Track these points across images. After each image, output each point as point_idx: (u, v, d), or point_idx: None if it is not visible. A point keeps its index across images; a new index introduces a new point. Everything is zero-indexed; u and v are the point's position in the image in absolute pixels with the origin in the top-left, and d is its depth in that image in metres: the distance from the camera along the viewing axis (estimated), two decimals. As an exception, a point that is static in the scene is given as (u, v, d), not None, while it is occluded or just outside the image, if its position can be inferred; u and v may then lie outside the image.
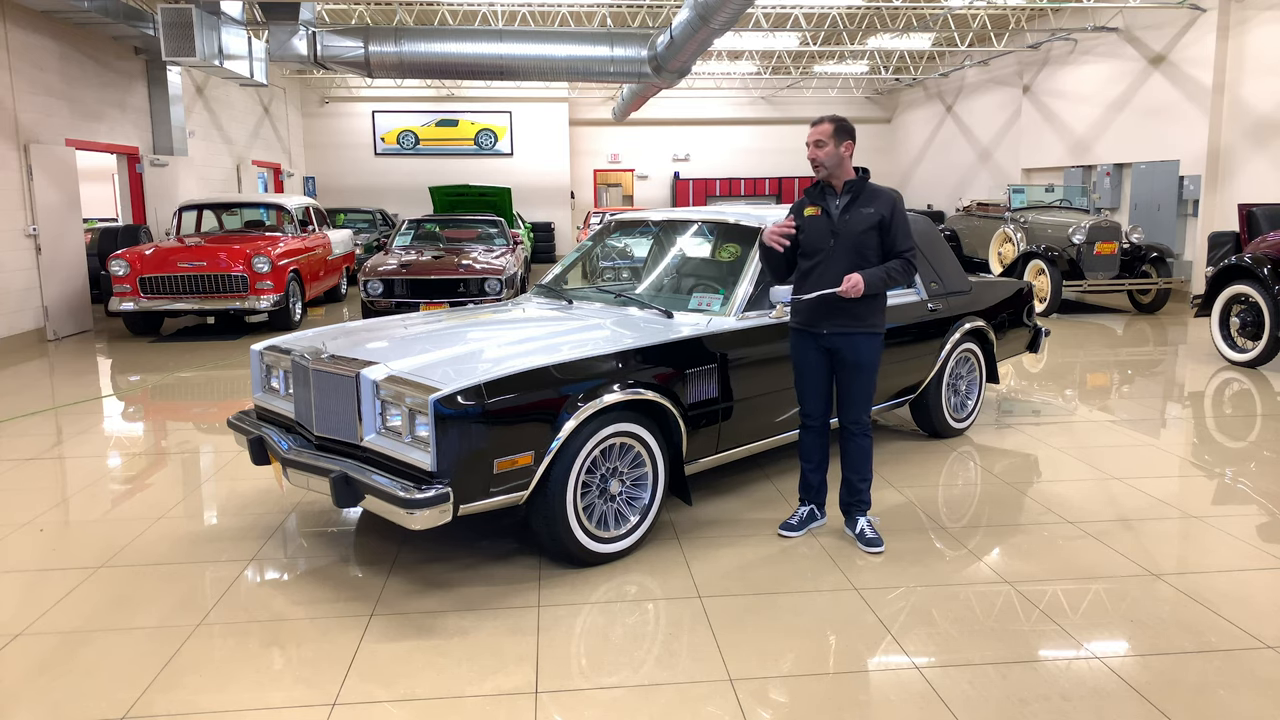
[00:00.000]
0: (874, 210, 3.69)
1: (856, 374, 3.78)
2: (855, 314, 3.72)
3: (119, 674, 2.89)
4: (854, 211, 3.70)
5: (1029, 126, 15.82)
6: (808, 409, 3.93)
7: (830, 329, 3.74)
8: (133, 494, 4.67)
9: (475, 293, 9.43)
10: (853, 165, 3.76)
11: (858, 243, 3.68)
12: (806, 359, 3.85)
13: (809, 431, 3.97)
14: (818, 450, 3.99)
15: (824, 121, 3.68)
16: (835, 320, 3.73)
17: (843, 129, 3.67)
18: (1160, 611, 3.26)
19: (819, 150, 3.67)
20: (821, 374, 3.85)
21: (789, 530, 4.00)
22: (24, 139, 9.76)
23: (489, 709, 2.69)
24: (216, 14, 10.67)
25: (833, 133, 3.65)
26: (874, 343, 3.78)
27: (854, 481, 3.92)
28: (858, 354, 3.75)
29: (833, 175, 3.72)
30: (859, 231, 3.68)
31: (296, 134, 20.00)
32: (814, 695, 2.74)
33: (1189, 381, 7.25)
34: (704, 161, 22.76)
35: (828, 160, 3.68)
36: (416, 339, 3.96)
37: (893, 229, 3.68)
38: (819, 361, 3.83)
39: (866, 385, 3.81)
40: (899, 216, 3.70)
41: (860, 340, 3.74)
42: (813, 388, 3.88)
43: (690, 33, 10.26)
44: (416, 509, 3.12)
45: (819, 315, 3.75)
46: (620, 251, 5.95)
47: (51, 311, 9.95)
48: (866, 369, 3.78)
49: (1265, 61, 10.75)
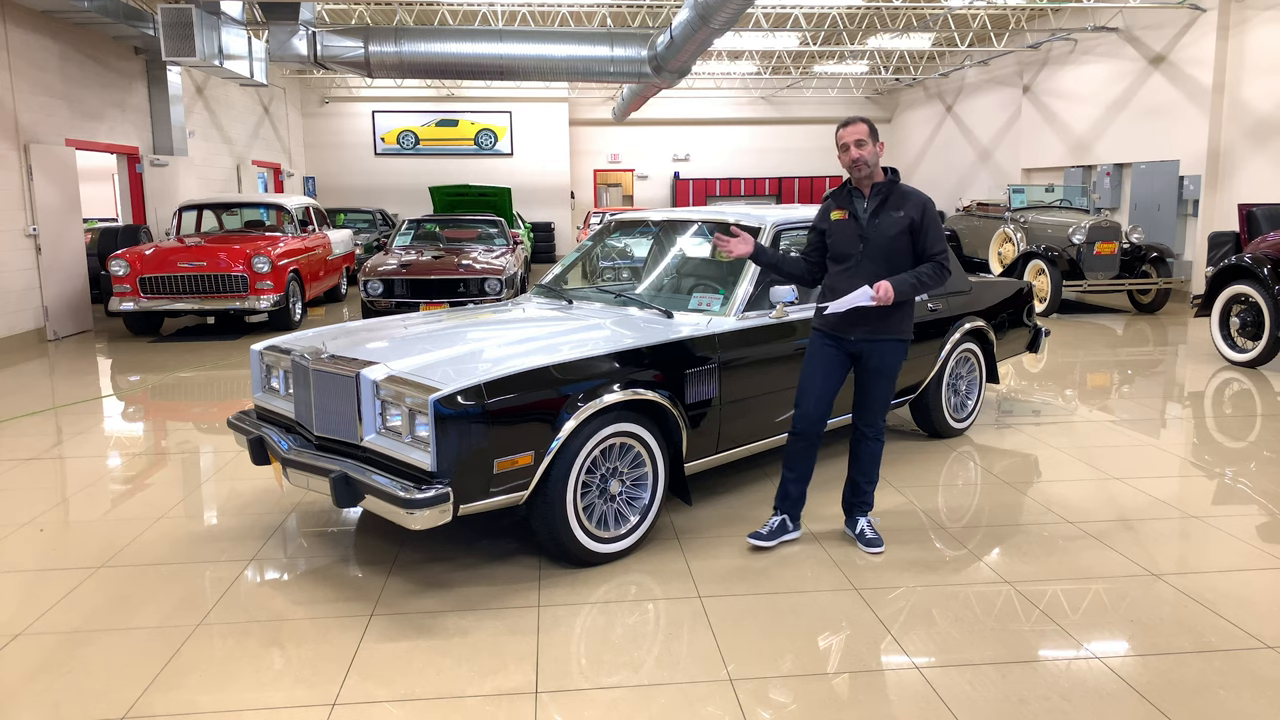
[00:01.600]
0: (904, 213, 3.58)
1: (878, 379, 3.71)
2: (885, 320, 3.63)
3: (119, 674, 2.89)
4: (884, 215, 3.60)
5: (1029, 126, 15.82)
6: (804, 410, 3.74)
7: (859, 335, 3.66)
8: (133, 494, 4.67)
9: (475, 293, 9.43)
10: (881, 167, 3.67)
11: (888, 248, 3.59)
12: (824, 359, 3.73)
13: (799, 439, 3.79)
14: (804, 460, 3.83)
15: (858, 121, 3.58)
16: (864, 326, 3.64)
17: (874, 129, 3.61)
18: (1160, 611, 3.26)
19: (861, 150, 3.55)
20: (833, 379, 3.73)
21: (759, 540, 3.81)
22: (24, 139, 9.76)
23: (489, 709, 2.69)
24: (216, 14, 10.67)
25: (868, 132, 3.57)
26: (900, 349, 3.70)
27: (860, 484, 3.87)
28: (883, 360, 3.67)
29: (874, 174, 3.62)
30: (890, 236, 3.58)
31: (296, 134, 20.00)
32: (814, 695, 2.74)
33: (1189, 381, 7.25)
34: (704, 161, 22.76)
35: (871, 159, 3.57)
36: (416, 339, 3.96)
37: (924, 232, 3.58)
38: (837, 365, 3.73)
39: (886, 391, 3.74)
40: (930, 219, 3.59)
41: (887, 346, 3.66)
42: (818, 390, 3.72)
43: (690, 33, 10.26)
44: (416, 509, 3.12)
45: (847, 321, 3.66)
46: (620, 251, 5.96)
47: (51, 311, 9.95)
48: (889, 374, 3.71)
49: (1265, 61, 10.75)
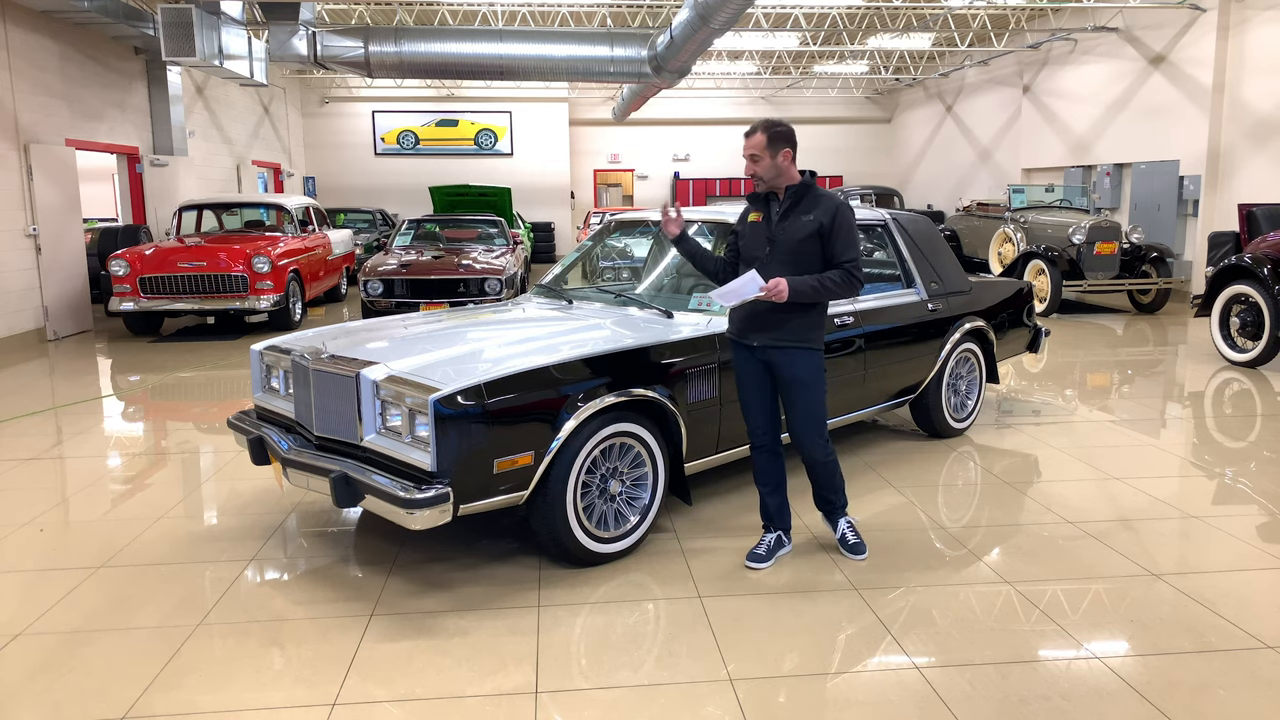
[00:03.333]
0: (813, 218, 3.46)
1: (796, 391, 3.53)
2: (787, 327, 3.48)
3: (119, 674, 2.89)
4: (792, 218, 3.50)
5: (1029, 126, 15.82)
6: (752, 425, 3.67)
7: (761, 341, 3.53)
8: (133, 494, 4.67)
9: (475, 293, 9.43)
10: (797, 169, 3.54)
11: (795, 251, 3.47)
12: (744, 371, 3.64)
13: (759, 452, 3.70)
14: (771, 473, 3.71)
15: (756, 132, 3.48)
16: (766, 333, 3.51)
17: (777, 137, 3.46)
18: (1160, 611, 3.26)
19: (755, 165, 3.48)
20: (762, 389, 3.62)
21: (757, 561, 3.67)
22: (24, 139, 9.76)
23: (489, 709, 2.69)
24: (216, 14, 10.67)
25: (766, 144, 3.45)
26: (810, 358, 3.52)
27: (824, 495, 3.76)
28: (793, 369, 3.51)
29: (774, 185, 3.53)
30: (797, 240, 3.47)
31: (296, 134, 20.00)
32: (814, 695, 2.74)
33: (1189, 381, 7.25)
34: (704, 161, 22.76)
35: (765, 174, 3.49)
36: (416, 339, 3.96)
37: (833, 237, 3.44)
38: (758, 375, 3.61)
39: (810, 404, 3.54)
40: (841, 224, 3.45)
41: (795, 354, 3.51)
42: (755, 403, 3.64)
43: (690, 33, 10.26)
44: (416, 509, 3.12)
45: (749, 325, 3.55)
46: (620, 251, 5.96)
47: (51, 311, 9.95)
48: (807, 385, 3.52)
49: (1265, 61, 10.75)
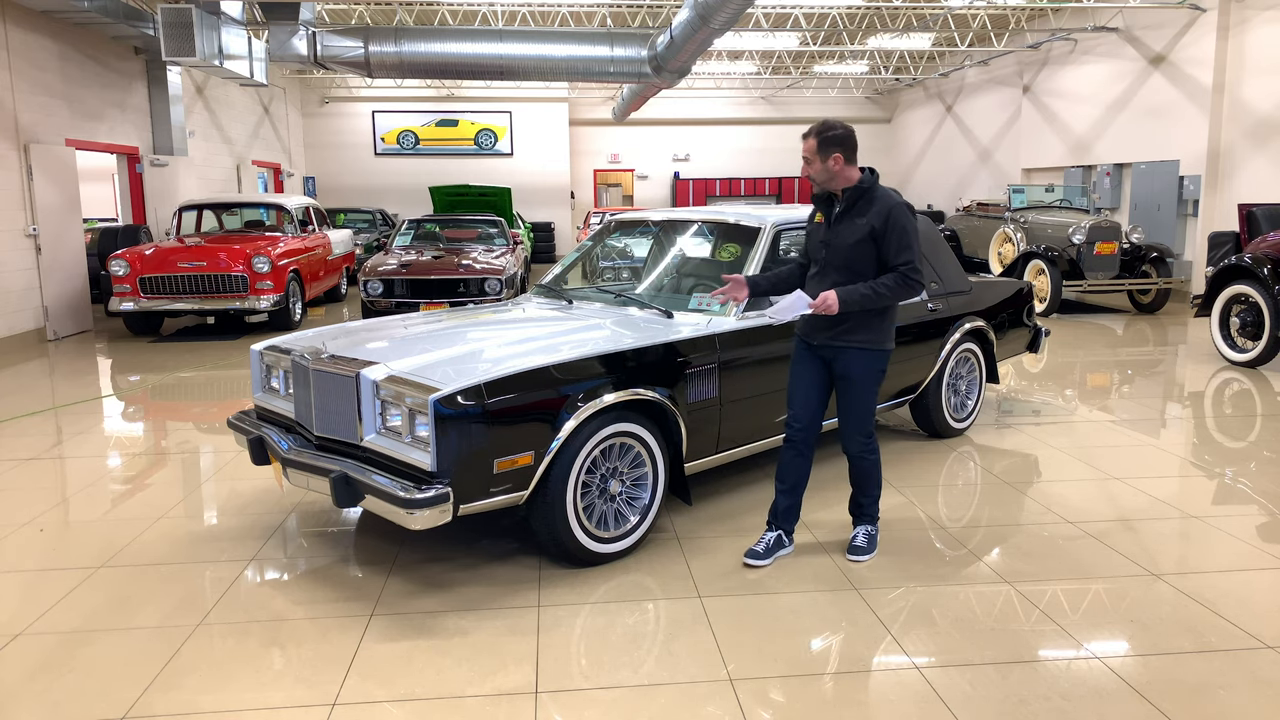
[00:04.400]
0: (865, 220, 3.45)
1: (847, 389, 3.59)
2: (846, 328, 3.51)
3: (119, 674, 2.89)
4: (846, 222, 3.51)
5: (1029, 126, 15.82)
6: (794, 411, 3.67)
7: (820, 340, 3.58)
8: (133, 494, 4.67)
9: (475, 293, 9.43)
10: (858, 168, 3.53)
11: (849, 255, 3.48)
12: (799, 360, 3.69)
13: (789, 447, 3.70)
14: (794, 471, 3.71)
15: (808, 137, 3.47)
16: (825, 333, 3.56)
17: (828, 141, 3.44)
18: (1160, 611, 3.26)
19: (808, 167, 3.51)
20: (812, 381, 3.65)
21: (755, 559, 3.69)
22: (24, 139, 9.76)
23: (489, 709, 2.69)
24: (216, 14, 10.67)
25: (817, 149, 3.45)
26: (868, 359, 3.55)
27: (857, 497, 3.81)
28: (848, 368, 3.55)
29: (828, 187, 3.54)
30: (849, 244, 3.47)
31: (296, 134, 20.00)
32: (814, 695, 2.74)
33: (1189, 381, 7.25)
34: (704, 161, 22.76)
35: (817, 176, 3.50)
36: (416, 339, 3.96)
37: (886, 240, 3.43)
38: (816, 369, 3.65)
39: (858, 402, 3.59)
40: (894, 227, 3.42)
41: (852, 355, 3.53)
42: (800, 393, 3.67)
43: (690, 33, 10.26)
44: (416, 509, 3.12)
45: (810, 327, 3.61)
46: (620, 251, 5.96)
47: (51, 311, 9.95)
48: (857, 384, 3.57)
49: (1265, 61, 10.75)
